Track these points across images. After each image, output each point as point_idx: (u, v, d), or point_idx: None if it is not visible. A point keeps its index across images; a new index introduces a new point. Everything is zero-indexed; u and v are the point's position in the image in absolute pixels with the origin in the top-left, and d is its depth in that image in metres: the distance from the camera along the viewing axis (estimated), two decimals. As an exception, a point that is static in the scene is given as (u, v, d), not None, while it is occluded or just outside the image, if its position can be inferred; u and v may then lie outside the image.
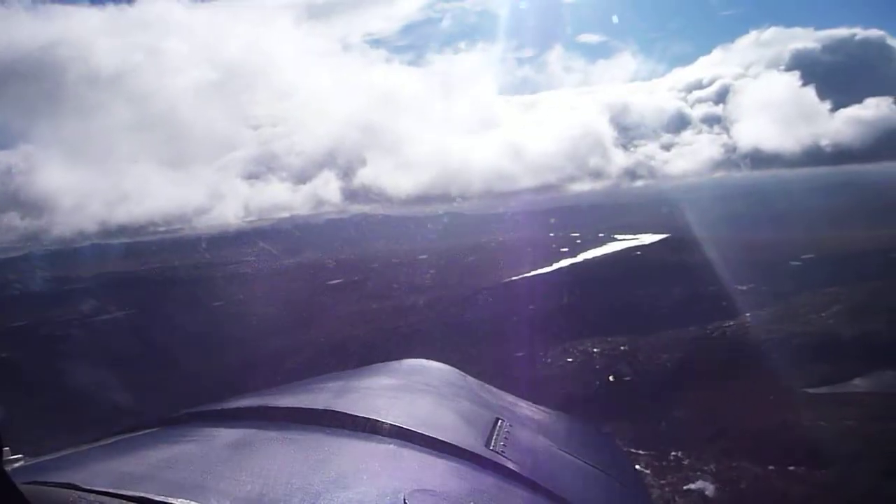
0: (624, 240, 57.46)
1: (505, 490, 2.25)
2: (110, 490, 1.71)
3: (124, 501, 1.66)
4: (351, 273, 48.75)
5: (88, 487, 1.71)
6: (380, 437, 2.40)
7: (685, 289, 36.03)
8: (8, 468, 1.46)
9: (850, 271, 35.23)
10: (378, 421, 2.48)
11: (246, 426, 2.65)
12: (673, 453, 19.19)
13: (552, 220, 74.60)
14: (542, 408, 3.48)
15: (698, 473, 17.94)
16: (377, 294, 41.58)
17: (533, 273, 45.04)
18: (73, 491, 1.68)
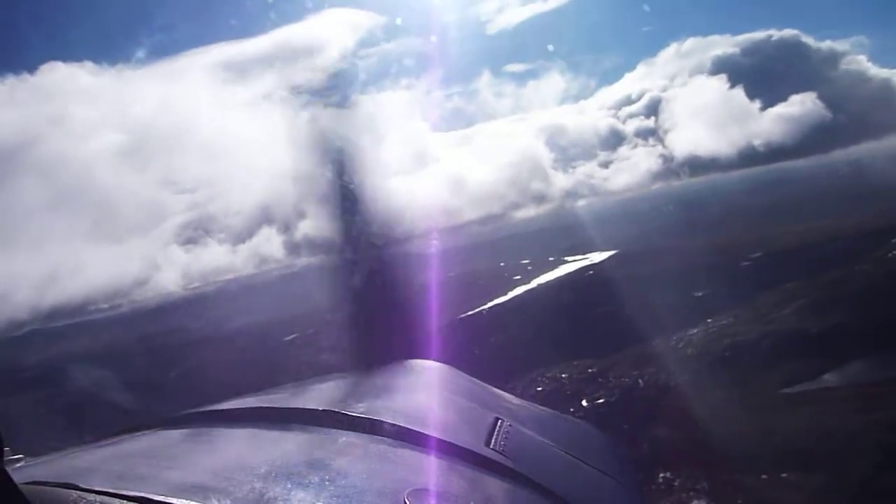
0: (574, 260, 57.45)
1: (505, 490, 2.26)
2: (110, 490, 1.71)
3: (124, 501, 1.66)
4: (306, 326, 47.42)
5: (88, 487, 1.71)
6: (380, 437, 2.39)
7: (642, 302, 35.76)
8: (8, 468, 1.42)
9: (801, 266, 35.61)
10: (378, 421, 2.48)
11: (246, 426, 2.63)
12: (661, 475, 18.49)
13: (501, 249, 74.54)
14: (542, 408, 3.57)
15: (692, 494, 17.24)
16: (334, 345, 40.39)
17: (489, 304, 44.53)
18: (73, 491, 1.67)
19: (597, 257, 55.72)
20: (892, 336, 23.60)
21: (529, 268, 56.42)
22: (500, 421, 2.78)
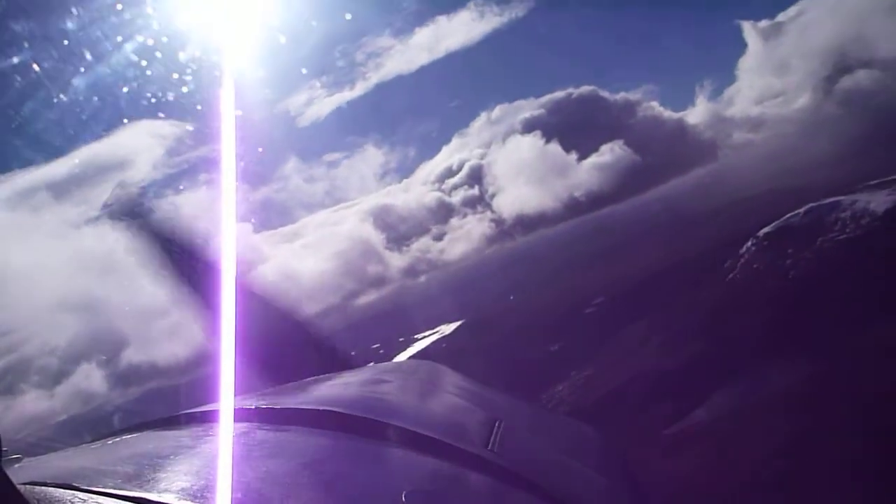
0: (424, 337, 56.83)
1: (503, 491, 2.27)
2: (109, 490, 1.67)
3: (123, 501, 1.62)
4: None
5: (87, 487, 1.67)
6: (379, 437, 2.35)
7: (502, 366, 35.13)
8: (7, 468, 1.39)
9: (643, 303, 36.40)
10: (377, 421, 2.46)
11: (245, 426, 2.53)
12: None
13: (347, 339, 72.13)
14: (540, 409, 3.07)
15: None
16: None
17: (346, 398, 42.04)
18: (72, 491, 1.63)
19: (446, 329, 55.27)
20: (747, 357, 24.00)
21: (381, 352, 54.72)
22: (498, 422, 2.72)
